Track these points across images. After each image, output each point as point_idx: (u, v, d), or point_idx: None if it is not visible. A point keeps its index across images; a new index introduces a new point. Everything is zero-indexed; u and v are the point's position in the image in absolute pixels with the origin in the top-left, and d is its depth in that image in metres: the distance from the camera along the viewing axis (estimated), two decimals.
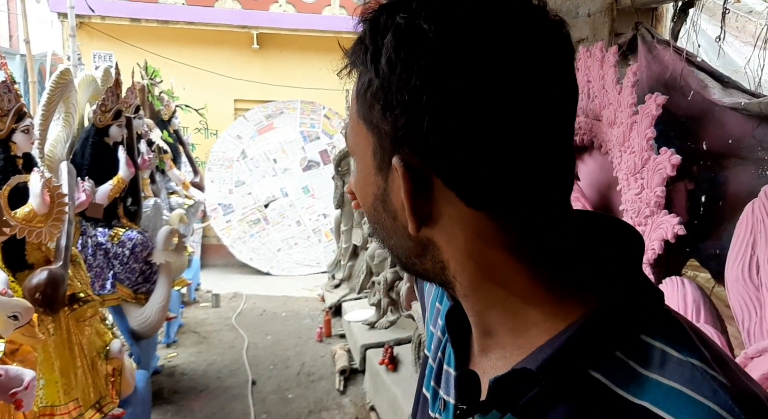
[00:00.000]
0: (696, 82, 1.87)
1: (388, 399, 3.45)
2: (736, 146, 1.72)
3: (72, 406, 2.63)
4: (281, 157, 8.30)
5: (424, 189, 0.49)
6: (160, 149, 5.09)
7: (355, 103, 0.55)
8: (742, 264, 1.23)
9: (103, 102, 3.48)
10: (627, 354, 0.47)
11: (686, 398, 0.44)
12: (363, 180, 0.56)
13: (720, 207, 1.72)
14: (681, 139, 1.86)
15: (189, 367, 4.39)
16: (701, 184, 1.76)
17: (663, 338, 0.48)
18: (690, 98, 1.89)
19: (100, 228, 3.48)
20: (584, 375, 0.47)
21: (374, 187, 0.54)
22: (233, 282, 7.10)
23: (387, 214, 0.54)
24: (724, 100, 1.74)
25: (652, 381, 0.45)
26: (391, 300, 4.06)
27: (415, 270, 0.57)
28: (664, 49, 1.99)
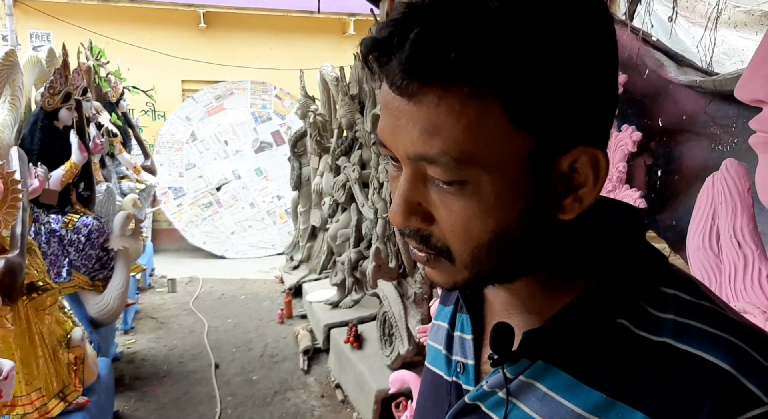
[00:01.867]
0: (652, 61, 1.96)
1: (354, 376, 3.51)
2: (690, 122, 1.83)
3: (35, 396, 2.56)
4: (232, 139, 8.15)
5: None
6: (110, 132, 4.92)
7: (493, 110, 0.46)
8: (703, 233, 1.32)
9: (51, 84, 3.34)
10: (647, 301, 0.53)
11: (705, 333, 0.50)
12: (487, 203, 0.49)
13: (675, 180, 1.82)
14: (639, 116, 1.95)
15: (149, 353, 4.33)
16: (658, 159, 1.86)
17: (675, 287, 0.54)
18: (646, 77, 1.99)
19: (53, 215, 3.36)
20: (611, 322, 0.53)
21: (515, 203, 0.50)
22: (188, 267, 6.99)
23: (530, 225, 0.52)
24: (679, 78, 1.84)
25: (669, 321, 0.52)
26: (355, 279, 4.10)
27: (515, 271, 0.56)
28: (621, 29, 2.07)
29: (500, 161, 0.48)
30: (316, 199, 5.46)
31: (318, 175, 5.22)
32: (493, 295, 0.65)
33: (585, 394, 0.52)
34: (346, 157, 4.25)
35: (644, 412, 0.49)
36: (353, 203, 4.18)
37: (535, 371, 0.56)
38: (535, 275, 0.57)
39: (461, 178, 0.48)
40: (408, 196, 0.52)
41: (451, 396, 0.65)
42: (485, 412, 0.60)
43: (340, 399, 3.65)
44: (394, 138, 0.51)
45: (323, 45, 8.44)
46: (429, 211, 0.52)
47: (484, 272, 0.54)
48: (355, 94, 4.16)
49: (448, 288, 0.56)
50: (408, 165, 0.51)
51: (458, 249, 0.52)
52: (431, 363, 0.74)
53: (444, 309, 0.78)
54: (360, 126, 3.97)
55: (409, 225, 0.53)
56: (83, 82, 4.21)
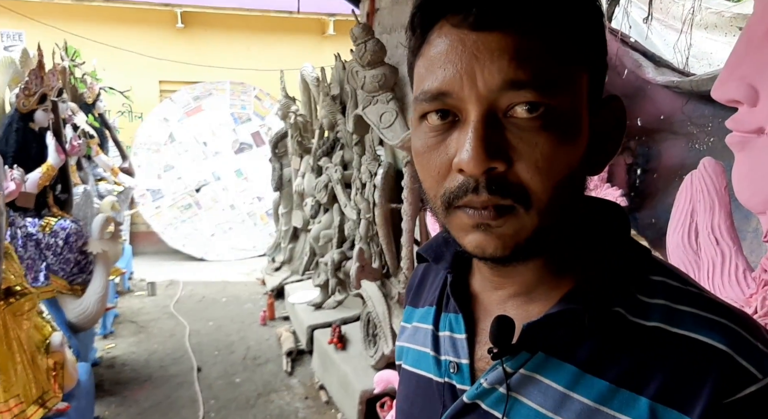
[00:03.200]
0: (630, 61, 1.99)
1: (338, 377, 3.51)
2: (668, 122, 1.86)
3: (13, 403, 2.52)
4: (211, 140, 8.08)
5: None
6: (86, 134, 4.85)
7: (554, 52, 0.52)
8: (682, 231, 1.34)
9: (27, 85, 3.28)
10: (638, 289, 0.56)
11: (697, 316, 0.53)
12: (568, 132, 0.53)
13: (654, 179, 1.86)
14: None
15: (129, 358, 4.27)
16: (638, 158, 1.89)
17: (662, 275, 0.57)
18: (625, 77, 2.02)
19: (30, 218, 3.30)
20: (608, 311, 0.55)
21: (582, 139, 0.55)
22: (167, 270, 6.91)
23: (584, 171, 0.57)
24: (657, 79, 1.87)
25: (660, 306, 0.54)
26: (338, 280, 4.10)
27: (564, 222, 0.57)
28: None
29: (575, 89, 0.53)
30: (298, 200, 5.44)
31: (299, 176, 5.20)
32: (488, 293, 0.66)
33: (589, 384, 0.53)
34: (327, 158, 4.24)
35: (648, 397, 0.50)
36: (335, 204, 4.18)
37: (536, 363, 0.57)
38: (545, 258, 0.59)
39: (549, 102, 0.51)
40: (486, 135, 0.51)
41: (444, 398, 0.65)
42: (485, 410, 0.60)
43: (324, 400, 3.64)
44: (468, 78, 0.51)
45: (303, 45, 8.41)
46: (507, 152, 0.52)
47: (547, 225, 0.54)
48: (336, 94, 4.16)
49: (506, 251, 0.54)
50: (482, 105, 0.51)
51: (538, 187, 0.52)
52: (414, 365, 0.73)
53: (417, 311, 0.78)
54: (341, 126, 3.96)
55: (492, 165, 0.51)
56: (59, 83, 4.14)
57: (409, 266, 3.09)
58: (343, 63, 4.01)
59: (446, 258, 0.70)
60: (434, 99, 0.53)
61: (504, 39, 0.50)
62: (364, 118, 3.17)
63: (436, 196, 0.56)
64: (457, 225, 0.56)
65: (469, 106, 0.52)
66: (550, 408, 0.55)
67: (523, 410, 0.57)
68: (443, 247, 0.71)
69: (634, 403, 0.51)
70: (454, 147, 0.53)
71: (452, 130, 0.54)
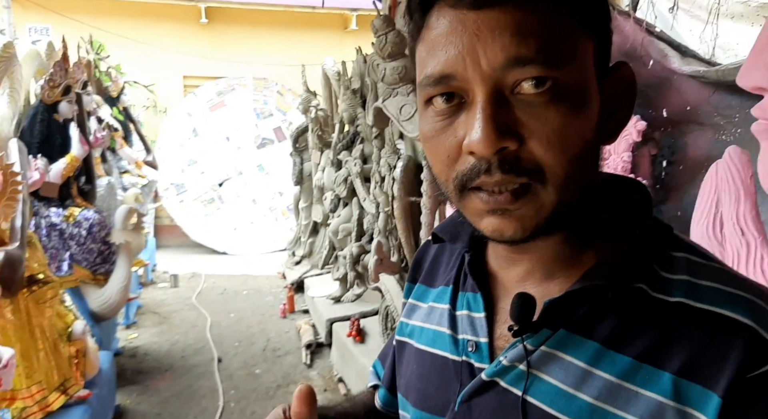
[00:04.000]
0: (656, 51, 1.94)
1: (356, 370, 3.50)
2: (694, 112, 1.81)
3: (35, 389, 2.56)
4: (234, 135, 8.14)
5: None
6: (110, 127, 4.92)
7: (563, 15, 0.51)
8: (707, 222, 1.31)
9: (51, 77, 3.33)
10: (660, 265, 0.55)
11: (720, 291, 0.52)
12: (578, 105, 0.52)
13: (680, 171, 1.81)
14: (643, 107, 1.93)
15: (151, 348, 4.33)
16: (663, 149, 1.84)
17: (684, 251, 0.56)
18: (650, 67, 1.97)
19: (54, 209, 3.35)
20: (630, 287, 0.54)
21: (593, 110, 0.53)
22: (190, 263, 7.00)
23: (598, 142, 0.56)
24: (683, 69, 1.82)
25: (683, 281, 0.53)
26: (357, 273, 4.10)
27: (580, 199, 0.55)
28: (625, 20, 2.06)
29: (581, 60, 0.52)
30: (318, 195, 5.45)
31: (319, 171, 5.21)
32: (506, 271, 0.65)
33: (612, 360, 0.53)
34: (347, 152, 4.24)
35: (671, 372, 0.50)
36: (355, 198, 4.17)
37: (557, 340, 0.56)
38: (564, 235, 0.58)
39: (556, 75, 0.50)
40: (495, 115, 0.50)
41: (462, 376, 0.64)
42: (504, 387, 0.59)
43: (343, 393, 3.64)
44: (471, 58, 0.50)
45: (325, 40, 8.42)
46: (517, 130, 0.51)
47: (567, 199, 0.52)
48: (357, 88, 4.15)
49: (526, 233, 0.53)
50: (487, 85, 0.50)
51: (553, 163, 0.51)
52: (429, 345, 0.72)
53: (431, 291, 0.77)
54: (362, 120, 3.95)
55: (503, 144, 0.50)
56: (83, 76, 4.20)
57: None
58: (364, 56, 4.00)
59: (463, 238, 0.69)
60: (438, 82, 0.53)
61: (503, 15, 0.49)
62: (384, 111, 3.16)
63: (447, 180, 0.56)
64: (471, 210, 0.55)
65: (475, 87, 0.51)
66: (572, 384, 0.54)
67: (544, 387, 0.56)
68: (459, 227, 0.70)
69: (657, 378, 0.50)
70: (463, 129, 0.52)
71: (459, 113, 0.53)
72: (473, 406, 0.62)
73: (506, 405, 0.58)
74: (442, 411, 0.66)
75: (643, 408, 0.50)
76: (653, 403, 0.50)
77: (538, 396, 0.56)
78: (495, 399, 0.60)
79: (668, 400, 0.49)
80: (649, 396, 0.50)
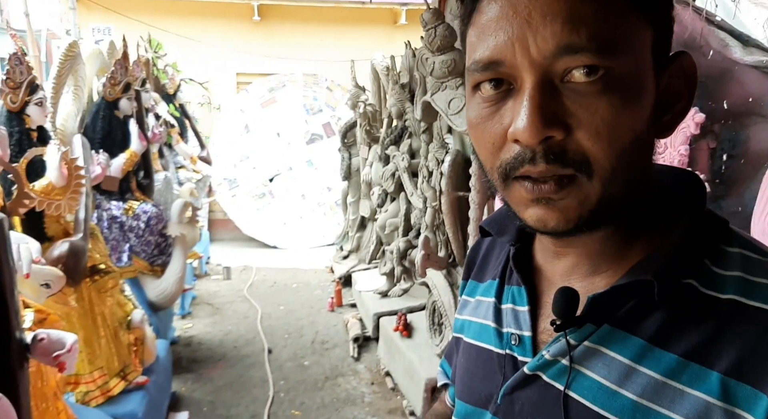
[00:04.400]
0: (716, 41, 1.87)
1: (403, 364, 3.52)
2: (757, 104, 1.74)
3: (97, 375, 2.69)
4: (284, 131, 8.27)
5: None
6: (167, 123, 5.08)
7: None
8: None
9: (113, 75, 3.46)
10: (712, 261, 0.53)
11: None
12: (630, 95, 0.50)
13: (741, 165, 1.74)
14: (702, 99, 1.86)
15: (205, 337, 4.46)
16: (723, 142, 1.77)
17: (740, 246, 0.53)
18: (710, 57, 1.90)
19: (114, 202, 3.50)
20: (679, 283, 0.52)
21: (647, 101, 0.52)
22: (242, 256, 7.16)
23: (652, 134, 0.54)
24: (745, 59, 1.75)
25: (737, 278, 0.51)
26: (404, 268, 4.11)
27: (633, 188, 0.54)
28: (684, 9, 1.99)
29: (637, 49, 0.50)
30: (365, 190, 5.48)
31: (367, 166, 5.24)
32: (551, 265, 0.64)
33: (657, 357, 0.51)
34: (395, 147, 4.24)
35: (720, 371, 0.48)
36: (402, 192, 4.18)
37: (600, 336, 0.55)
38: (612, 227, 0.56)
39: (609, 64, 0.48)
40: (542, 103, 0.49)
41: (505, 369, 0.64)
42: (547, 381, 0.59)
43: (390, 386, 3.67)
44: (521, 44, 0.49)
45: (375, 35, 8.44)
46: (564, 120, 0.49)
47: (612, 193, 0.51)
48: (406, 82, 4.15)
49: (569, 225, 0.52)
50: (536, 72, 0.49)
51: (601, 155, 0.49)
52: (475, 338, 0.73)
53: (480, 286, 0.78)
54: (410, 115, 3.95)
55: (549, 133, 0.49)
56: (142, 74, 4.36)
57: None
58: (413, 50, 3.99)
59: (510, 232, 0.69)
60: (486, 68, 0.52)
61: (556, 1, 0.48)
62: (432, 105, 3.14)
63: (492, 168, 0.55)
64: (516, 199, 0.55)
65: (524, 74, 0.50)
66: (615, 380, 0.53)
67: (586, 382, 0.55)
68: (506, 220, 0.70)
69: (704, 377, 0.48)
70: (509, 116, 0.51)
71: (507, 100, 0.52)
72: (515, 399, 0.62)
73: (548, 399, 0.58)
74: (486, 403, 0.67)
75: (689, 407, 0.48)
76: (700, 403, 0.48)
77: (580, 391, 0.55)
78: (537, 393, 0.59)
79: (716, 400, 0.48)
80: (695, 396, 0.49)
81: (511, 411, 0.62)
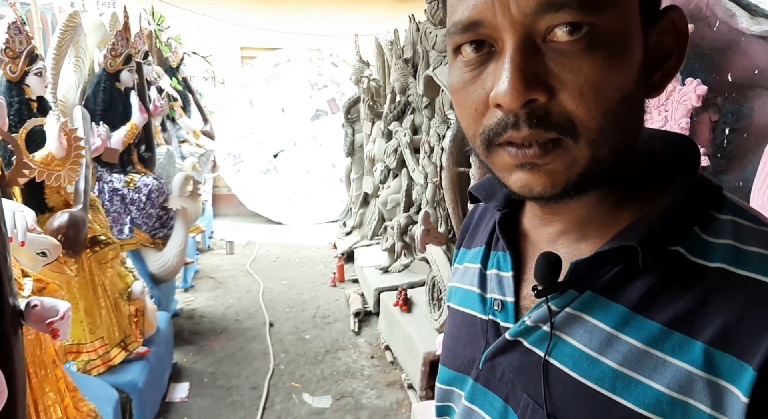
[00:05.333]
0: (722, 11, 1.83)
1: (402, 338, 3.54)
2: (763, 77, 1.70)
3: (98, 344, 2.72)
4: (289, 106, 8.22)
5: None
6: (170, 97, 5.05)
7: None
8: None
9: (113, 46, 3.44)
10: (701, 228, 0.51)
11: (766, 258, 0.47)
12: (616, 52, 0.48)
13: (744, 139, 1.71)
14: (706, 71, 1.83)
15: (207, 310, 4.50)
16: (726, 115, 1.74)
17: (732, 213, 0.51)
18: (716, 29, 1.85)
19: (116, 174, 3.50)
20: (666, 250, 0.51)
21: (634, 58, 0.50)
22: (245, 231, 7.19)
23: (640, 93, 0.52)
24: (752, 29, 1.70)
25: (727, 246, 0.49)
26: (404, 244, 4.11)
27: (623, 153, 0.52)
28: None
29: (623, 3, 0.48)
30: (369, 166, 5.46)
31: (370, 142, 5.21)
32: (538, 230, 0.63)
33: (639, 325, 0.50)
34: (398, 122, 4.21)
35: (704, 341, 0.47)
36: (404, 168, 4.16)
37: (583, 302, 0.54)
38: (600, 192, 0.55)
39: (593, 21, 0.46)
40: (524, 65, 0.47)
41: (487, 335, 0.64)
42: (527, 348, 0.58)
43: (389, 360, 3.70)
44: (501, 3, 0.47)
45: (379, 9, 8.34)
46: (547, 82, 0.47)
47: (602, 156, 0.49)
48: (409, 57, 4.10)
49: (556, 189, 0.50)
50: (517, 32, 0.47)
51: (586, 116, 0.47)
52: (460, 304, 0.72)
53: (469, 252, 0.77)
54: (413, 90, 3.91)
55: (531, 96, 0.47)
56: (144, 46, 4.32)
57: None
58: (417, 24, 3.94)
59: (498, 197, 0.68)
60: (466, 30, 0.50)
61: None
62: (435, 79, 3.11)
63: (475, 134, 0.53)
64: (499, 165, 0.53)
65: (504, 34, 0.47)
66: (595, 348, 0.52)
67: (567, 349, 0.54)
68: (495, 186, 0.69)
69: (687, 347, 0.47)
70: (491, 80, 0.49)
71: (488, 63, 0.50)
72: (496, 365, 0.62)
73: (529, 365, 0.57)
74: (468, 369, 0.66)
75: (670, 376, 0.47)
76: (681, 372, 0.47)
77: (561, 358, 0.54)
78: (518, 358, 0.59)
79: (698, 370, 0.46)
80: (677, 365, 0.47)
81: (492, 377, 0.62)
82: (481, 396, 0.63)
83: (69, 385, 1.96)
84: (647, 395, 0.48)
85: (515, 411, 0.58)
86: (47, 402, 1.79)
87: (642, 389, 0.48)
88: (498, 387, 0.61)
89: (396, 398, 3.31)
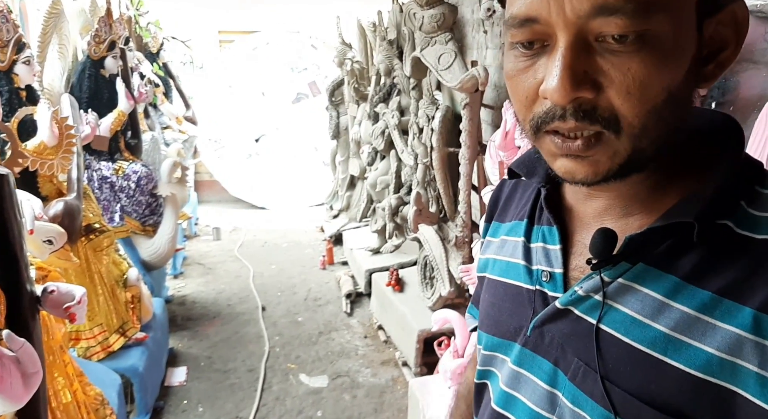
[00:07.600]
0: None
1: (396, 317, 3.60)
2: (748, 50, 1.75)
3: (97, 331, 2.73)
4: (269, 90, 8.16)
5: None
6: (152, 82, 4.99)
7: None
8: None
9: (97, 32, 3.39)
10: (748, 202, 0.55)
11: None
12: (667, 54, 0.49)
13: (731, 112, 1.77)
14: None
15: (199, 296, 4.51)
16: (712, 89, 1.80)
17: None
18: None
19: (104, 162, 3.48)
20: (714, 224, 0.54)
21: (685, 58, 0.51)
22: (230, 217, 7.17)
23: (690, 88, 0.53)
24: None
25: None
26: (396, 224, 4.15)
27: (664, 145, 0.54)
28: None
29: (678, 5, 0.49)
30: (355, 149, 5.48)
31: (356, 124, 5.22)
32: (582, 205, 0.66)
33: (690, 293, 0.53)
34: (384, 104, 4.23)
35: (753, 307, 0.50)
36: (392, 150, 4.19)
37: (635, 273, 0.57)
38: (646, 173, 0.57)
39: (645, 27, 0.48)
40: (573, 64, 0.49)
41: (534, 304, 0.67)
42: (578, 315, 0.61)
43: (383, 339, 3.76)
44: (556, 3, 0.49)
45: None
46: (595, 79, 0.50)
47: (642, 148, 0.53)
48: (393, 38, 4.11)
49: (597, 177, 0.54)
50: (570, 31, 0.49)
51: (630, 113, 0.50)
52: (502, 275, 0.75)
53: (502, 226, 0.80)
54: (398, 71, 3.93)
55: (578, 95, 0.50)
56: (125, 32, 4.26)
57: (466, 210, 3.09)
58: (400, 5, 3.94)
59: (539, 173, 0.70)
60: (522, 24, 0.52)
61: None
62: (422, 61, 3.13)
63: (525, 119, 0.57)
64: (546, 150, 0.57)
65: (558, 33, 0.50)
66: (647, 314, 0.55)
67: (618, 316, 0.57)
68: (536, 162, 0.72)
69: (737, 312, 0.50)
70: (542, 72, 0.52)
71: (542, 55, 0.53)
72: (545, 332, 0.64)
73: (579, 331, 0.60)
74: (514, 336, 0.69)
75: (720, 340, 0.50)
76: (731, 335, 0.50)
77: (612, 324, 0.57)
78: (568, 325, 0.62)
79: (747, 333, 0.49)
80: (727, 329, 0.50)
81: (540, 343, 0.65)
82: (529, 361, 0.67)
83: (75, 370, 1.98)
84: (698, 357, 0.51)
85: (565, 373, 0.62)
86: (57, 386, 1.82)
87: (692, 351, 0.52)
88: (547, 352, 0.64)
89: (391, 375, 3.39)
